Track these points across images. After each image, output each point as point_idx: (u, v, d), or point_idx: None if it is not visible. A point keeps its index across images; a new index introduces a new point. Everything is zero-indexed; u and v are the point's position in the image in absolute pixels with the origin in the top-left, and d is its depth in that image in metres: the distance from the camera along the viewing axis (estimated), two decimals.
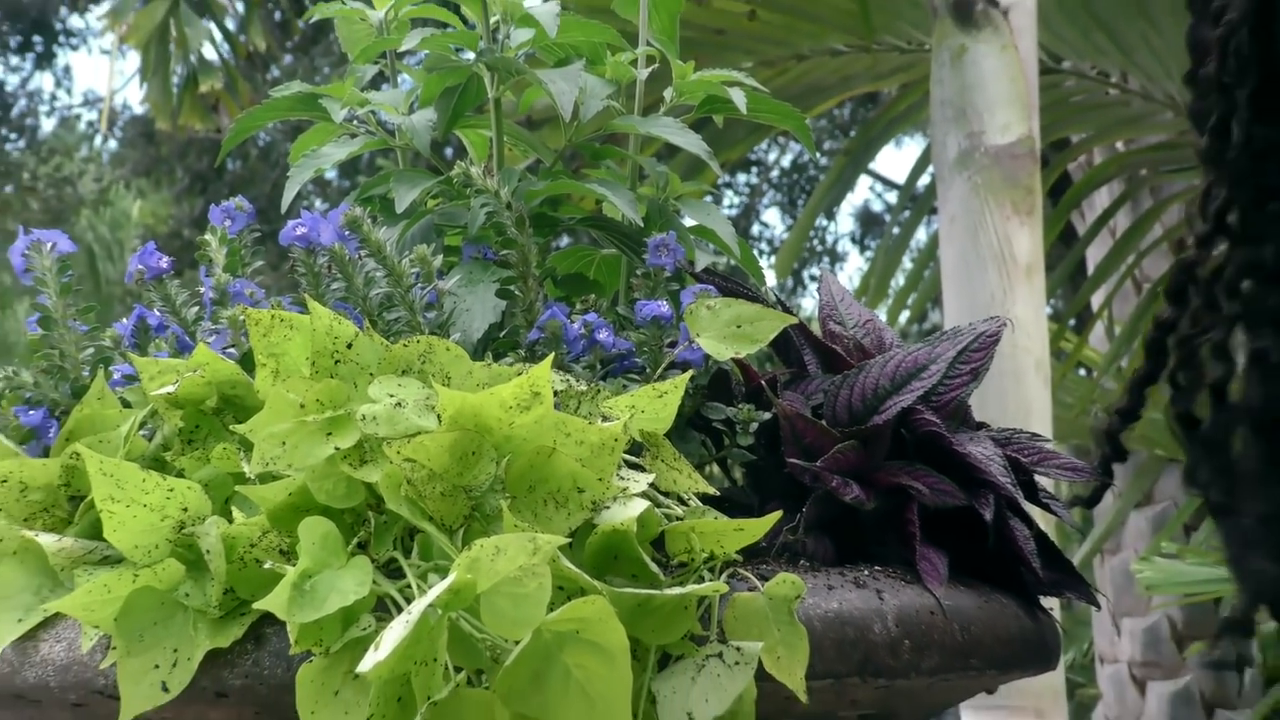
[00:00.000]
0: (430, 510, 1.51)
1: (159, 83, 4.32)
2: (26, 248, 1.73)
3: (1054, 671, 2.08)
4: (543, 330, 1.69)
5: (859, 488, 1.67)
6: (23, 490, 1.61)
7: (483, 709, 1.44)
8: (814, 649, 1.55)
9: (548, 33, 1.82)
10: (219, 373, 1.61)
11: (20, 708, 1.60)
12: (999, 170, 3.82)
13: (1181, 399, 1.77)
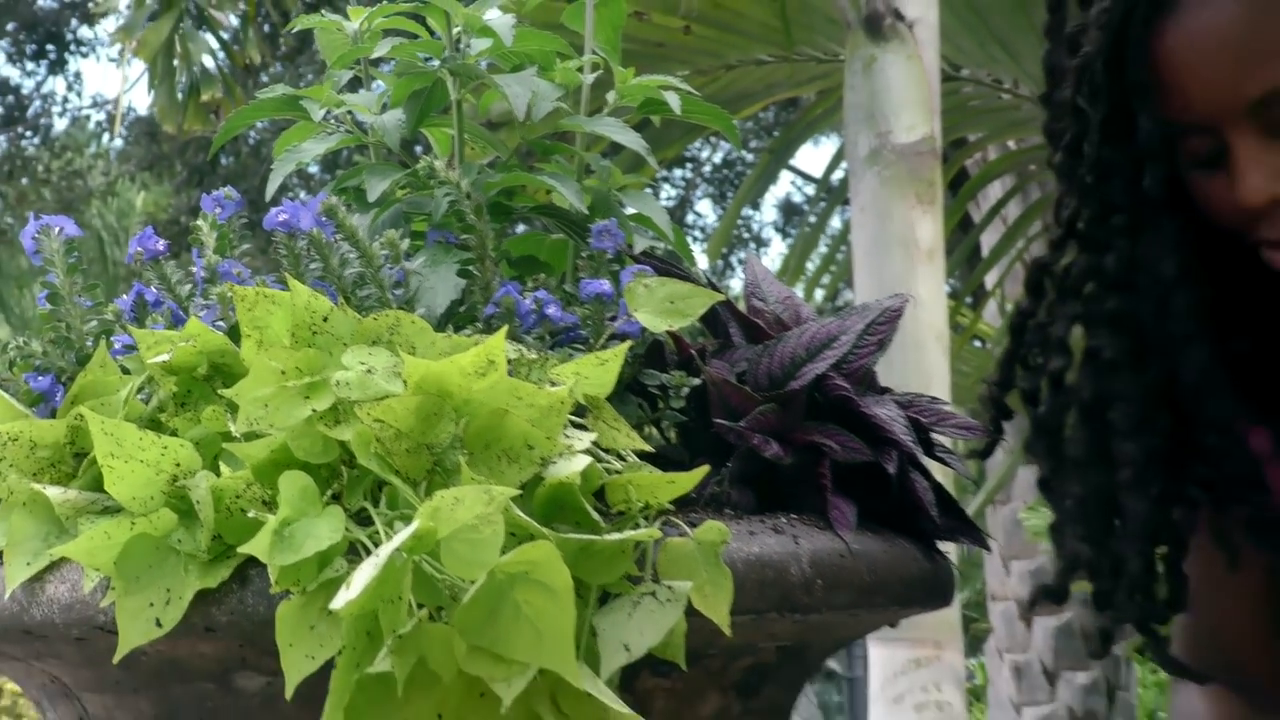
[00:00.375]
0: (397, 465, 1.51)
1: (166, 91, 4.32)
2: (36, 231, 1.73)
3: (950, 608, 2.08)
4: (498, 306, 1.70)
5: (778, 445, 1.67)
6: (32, 448, 1.61)
7: (442, 642, 1.43)
8: (737, 588, 1.54)
9: (504, 42, 1.83)
10: (209, 343, 1.61)
11: (29, 642, 1.60)
12: (904, 166, 3.83)
13: (1028, 380, 1.79)
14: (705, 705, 1.65)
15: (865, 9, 3.85)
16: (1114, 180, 1.65)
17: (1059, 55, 1.67)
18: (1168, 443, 1.70)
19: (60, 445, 1.61)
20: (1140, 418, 1.69)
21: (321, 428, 1.52)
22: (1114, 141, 1.64)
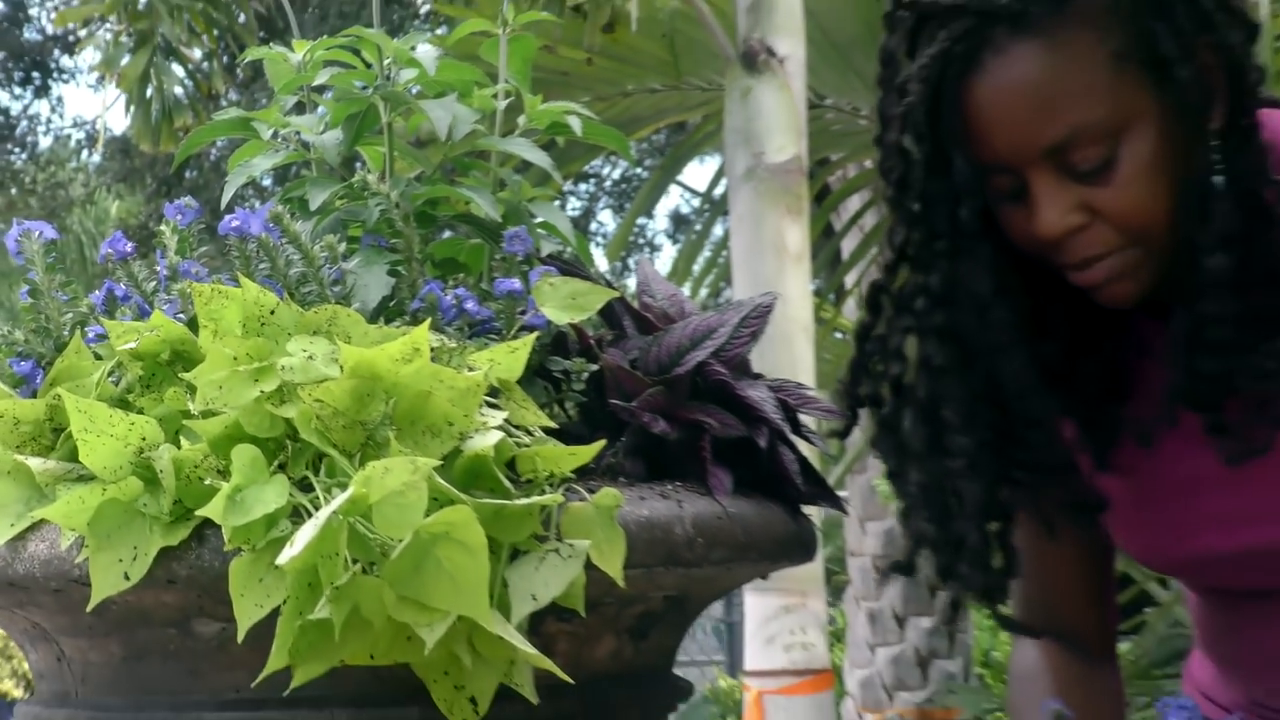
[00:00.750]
0: (334, 439, 1.51)
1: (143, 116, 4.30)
2: (19, 235, 1.73)
3: (814, 562, 2.08)
4: (423, 301, 1.70)
5: (664, 422, 1.68)
6: (15, 424, 1.61)
7: (374, 592, 1.44)
8: (629, 546, 1.55)
9: (428, 72, 1.84)
10: (171, 333, 1.61)
11: (12, 593, 1.60)
12: (776, 182, 3.84)
13: (871, 385, 1.81)
14: (601, 646, 1.66)
15: (743, 46, 3.85)
16: (936, 211, 1.68)
17: (889, 103, 1.70)
18: (993, 435, 1.74)
19: (40, 422, 1.61)
20: (968, 415, 1.72)
21: (269, 407, 1.52)
22: (934, 178, 1.67)
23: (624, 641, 1.69)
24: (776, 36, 3.90)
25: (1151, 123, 1.61)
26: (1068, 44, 1.60)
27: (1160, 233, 1.64)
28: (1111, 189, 1.61)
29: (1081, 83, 1.60)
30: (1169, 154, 1.62)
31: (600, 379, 1.72)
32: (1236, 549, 1.81)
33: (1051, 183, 1.62)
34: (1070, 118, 1.60)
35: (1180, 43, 1.59)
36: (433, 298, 1.70)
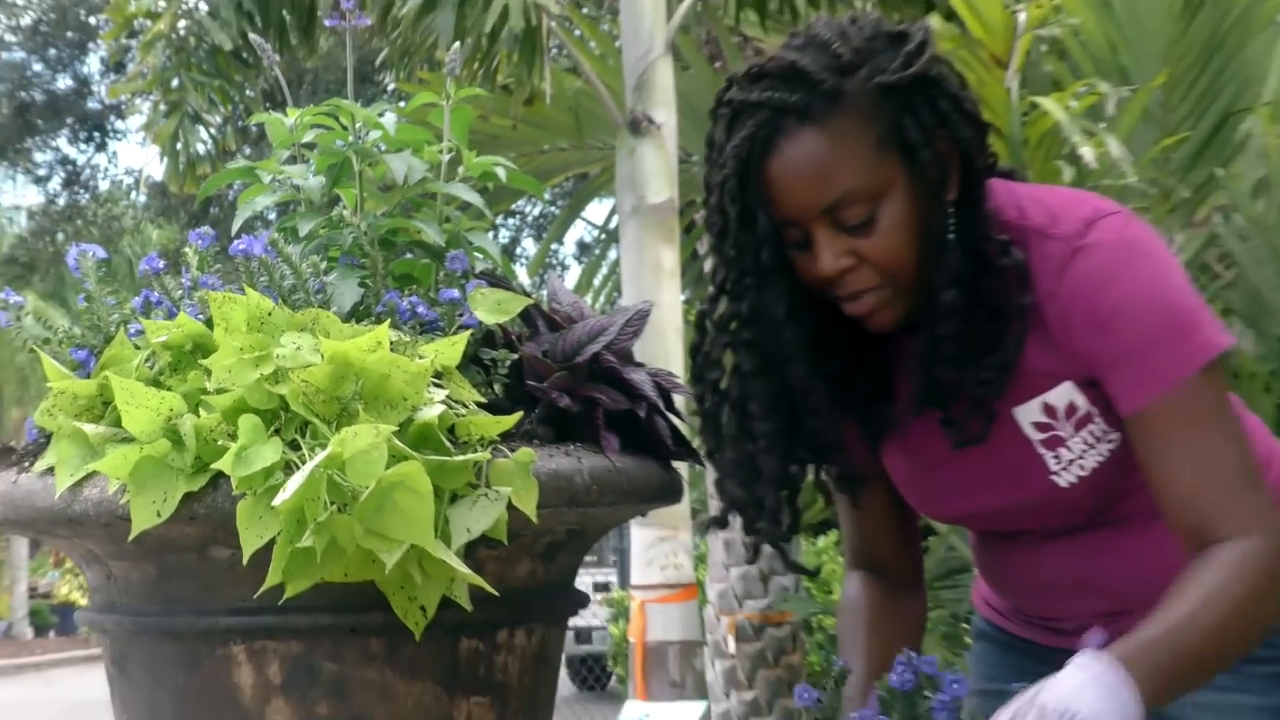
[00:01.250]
0: (316, 411, 1.51)
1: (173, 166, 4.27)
2: (77, 255, 1.72)
3: (681, 503, 2.08)
4: (385, 306, 1.70)
5: (568, 398, 1.68)
6: (74, 398, 1.60)
7: (346, 526, 1.44)
8: (540, 491, 1.56)
9: (390, 134, 1.84)
10: (192, 329, 1.60)
11: (73, 528, 1.59)
12: (654, 217, 3.83)
13: (698, 388, 1.84)
14: (520, 567, 1.66)
15: (630, 116, 3.85)
16: (745, 255, 1.70)
17: (712, 175, 1.71)
18: (785, 424, 1.76)
19: (93, 397, 1.60)
20: (768, 408, 1.75)
21: (266, 386, 1.52)
22: (744, 231, 1.69)
23: (537, 564, 1.69)
24: (655, 108, 3.90)
25: (902, 191, 1.65)
26: (840, 131, 1.64)
27: (908, 275, 1.67)
28: (872, 239, 1.65)
29: (849, 159, 1.64)
30: (915, 215, 1.66)
31: (519, 366, 1.72)
32: (969, 509, 1.88)
33: (827, 234, 1.66)
34: (840, 185, 1.63)
35: (923, 134, 1.65)
36: (392, 304, 1.70)
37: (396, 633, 1.56)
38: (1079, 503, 1.75)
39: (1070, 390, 1.71)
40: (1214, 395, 1.65)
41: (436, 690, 1.63)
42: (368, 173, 1.83)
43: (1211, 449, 1.64)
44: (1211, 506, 1.62)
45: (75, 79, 13.81)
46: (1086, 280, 1.66)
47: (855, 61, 1.66)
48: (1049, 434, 1.73)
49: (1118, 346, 1.65)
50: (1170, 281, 1.68)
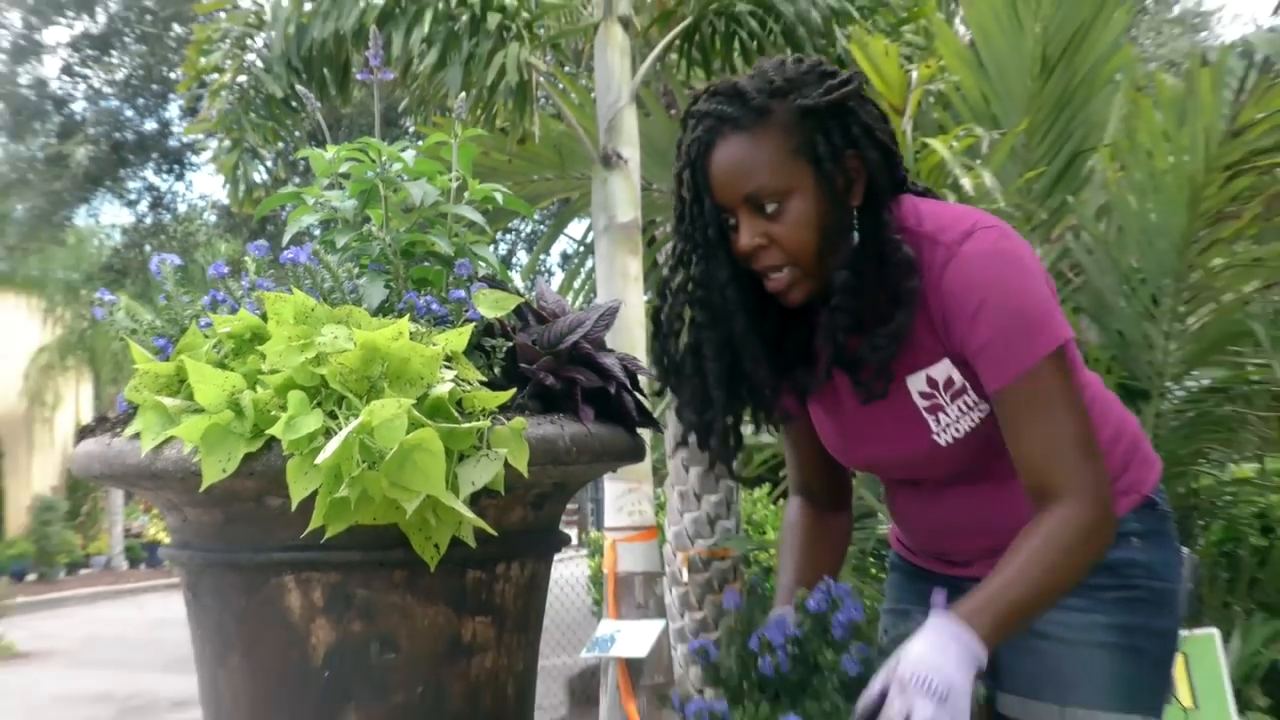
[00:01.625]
0: (350, 387, 1.51)
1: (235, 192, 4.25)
2: (158, 262, 1.72)
3: (644, 462, 2.08)
4: (405, 304, 1.70)
5: (553, 378, 1.68)
6: (156, 377, 1.60)
7: (375, 480, 1.44)
8: (531, 452, 1.57)
9: (409, 165, 1.84)
10: (251, 322, 1.60)
11: (155, 481, 1.58)
12: (623, 233, 3.82)
13: (660, 342, 1.82)
14: (515, 513, 1.66)
15: (602, 152, 3.83)
16: (696, 232, 1.72)
17: (676, 166, 1.74)
18: (731, 366, 1.77)
19: (171, 376, 1.60)
20: (716, 352, 1.75)
21: (310, 367, 1.52)
22: (695, 212, 1.72)
23: (528, 510, 1.69)
24: (622, 147, 3.88)
25: (809, 192, 1.67)
26: (761, 139, 1.67)
27: (810, 259, 1.69)
28: (780, 226, 1.67)
29: (764, 162, 1.67)
30: (818, 212, 1.68)
31: (514, 352, 1.72)
32: (871, 457, 1.87)
33: (748, 218, 1.68)
34: (755, 181, 1.66)
35: (831, 150, 1.67)
36: (411, 302, 1.70)
37: (415, 566, 1.56)
38: (956, 459, 1.75)
39: (948, 366, 1.72)
40: (1059, 378, 1.66)
41: (448, 612, 1.64)
42: (391, 197, 1.83)
43: (1055, 424, 1.65)
44: (1052, 473, 1.63)
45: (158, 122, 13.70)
46: (959, 280, 1.68)
47: (785, 88, 1.69)
48: (931, 401, 1.74)
49: (981, 337, 1.66)
50: (1026, 286, 1.68)
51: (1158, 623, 1.76)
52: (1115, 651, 1.73)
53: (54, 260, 17.63)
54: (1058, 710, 1.72)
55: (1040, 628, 1.71)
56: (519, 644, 1.74)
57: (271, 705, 1.63)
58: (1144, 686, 1.75)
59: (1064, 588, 1.63)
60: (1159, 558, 1.77)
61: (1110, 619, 1.73)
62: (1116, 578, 1.73)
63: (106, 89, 13.66)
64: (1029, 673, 1.75)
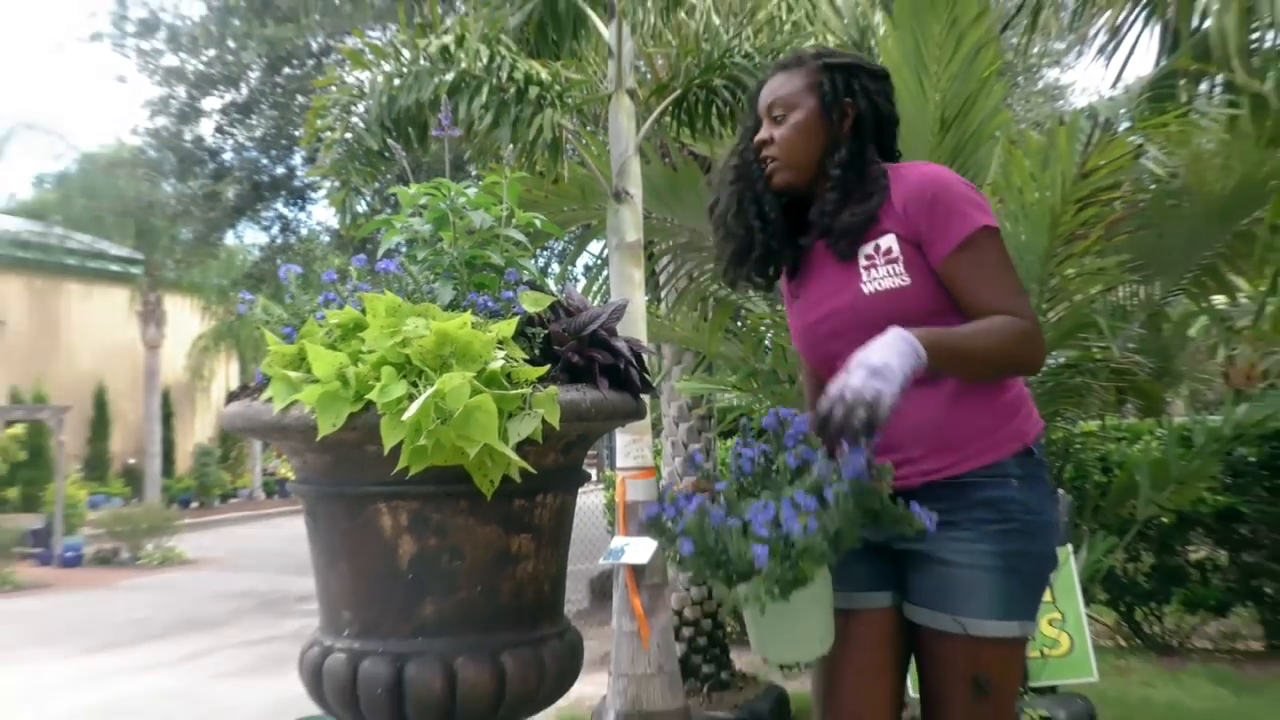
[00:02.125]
0: (427, 364, 1.50)
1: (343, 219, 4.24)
2: (285, 271, 1.72)
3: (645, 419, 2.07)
4: (468, 302, 1.68)
5: (578, 356, 1.68)
6: (284, 356, 1.59)
7: (446, 432, 1.45)
8: (561, 411, 1.56)
9: (470, 199, 1.82)
10: (353, 316, 1.59)
11: (283, 432, 1.58)
12: (629, 250, 3.80)
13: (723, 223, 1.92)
14: (549, 457, 1.64)
15: (614, 189, 3.82)
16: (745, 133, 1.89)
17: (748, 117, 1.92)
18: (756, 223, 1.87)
19: (295, 355, 1.59)
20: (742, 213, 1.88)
21: (398, 348, 1.51)
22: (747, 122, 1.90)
23: (558, 454, 1.68)
24: (629, 185, 3.86)
25: (809, 114, 1.81)
26: (792, 75, 1.84)
27: (796, 159, 1.81)
28: (781, 129, 1.82)
29: (788, 88, 1.83)
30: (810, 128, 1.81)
31: (549, 337, 1.70)
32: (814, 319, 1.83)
33: (767, 123, 1.84)
34: (777, 97, 1.83)
35: (833, 91, 1.81)
36: (473, 301, 1.69)
37: (475, 496, 1.56)
38: (873, 310, 1.71)
39: (892, 239, 1.72)
40: (995, 244, 1.71)
41: (499, 530, 1.63)
42: (458, 222, 1.82)
43: (999, 281, 1.68)
44: (1002, 307, 1.66)
45: (286, 168, 13.65)
46: (917, 179, 1.74)
47: (819, 54, 1.87)
48: (870, 262, 1.74)
49: (934, 215, 1.70)
50: (966, 188, 1.75)
51: (1032, 548, 1.73)
52: (996, 573, 1.69)
53: (210, 270, 17.62)
54: (951, 619, 1.70)
55: (939, 555, 1.70)
56: (552, 554, 1.74)
57: (369, 599, 1.63)
58: (1021, 599, 1.72)
59: (992, 359, 1.66)
60: (1033, 496, 1.73)
61: (992, 547, 1.69)
62: (998, 513, 1.70)
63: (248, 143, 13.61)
64: (931, 590, 1.72)
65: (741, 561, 1.52)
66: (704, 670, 4.88)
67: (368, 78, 3.83)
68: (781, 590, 1.51)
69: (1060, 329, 3.76)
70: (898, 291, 1.70)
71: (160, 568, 12.02)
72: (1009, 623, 1.69)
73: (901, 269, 1.70)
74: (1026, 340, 1.65)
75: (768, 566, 1.49)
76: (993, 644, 1.68)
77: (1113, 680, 5.00)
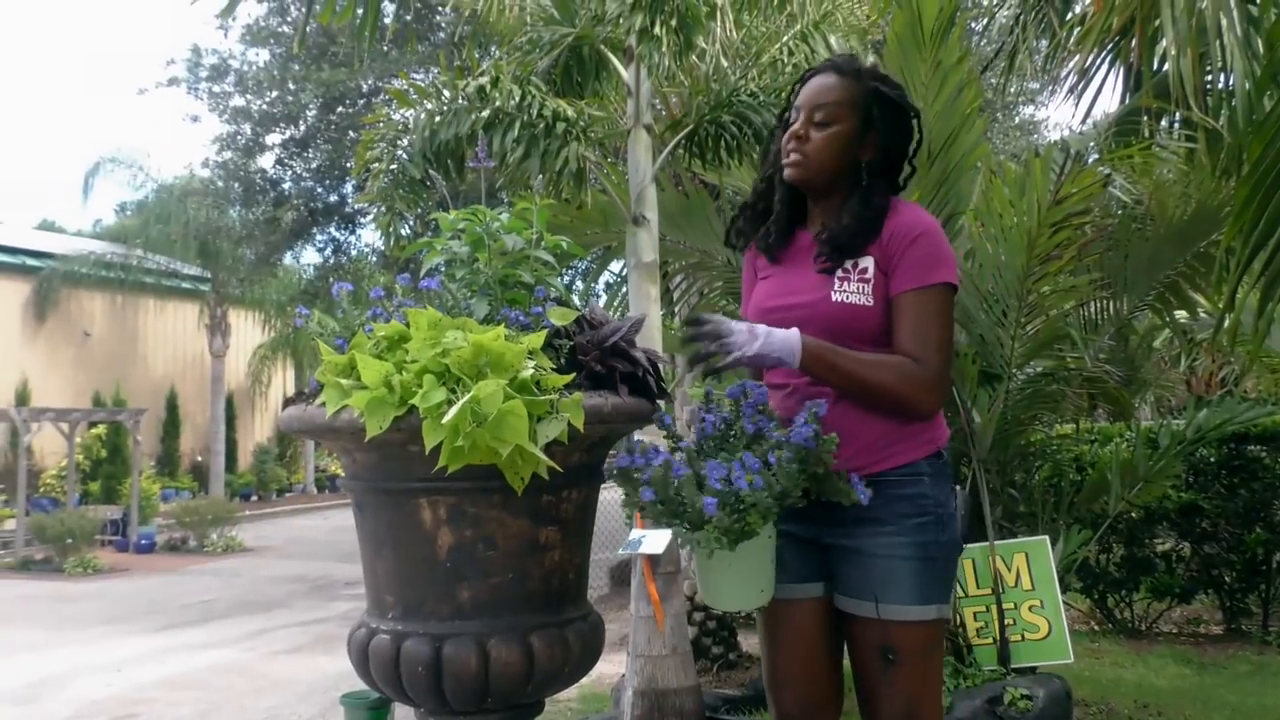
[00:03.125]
0: (465, 372, 1.48)
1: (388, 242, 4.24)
2: (337, 289, 1.71)
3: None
4: (501, 316, 1.67)
5: (600, 366, 1.66)
6: (336, 365, 1.58)
7: (481, 434, 1.42)
8: (584, 415, 1.54)
9: (504, 223, 1.80)
10: (398, 329, 1.58)
11: (335, 433, 1.56)
12: (646, 270, 3.80)
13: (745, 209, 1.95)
14: (574, 456, 1.62)
15: (633, 214, 3.81)
16: (781, 122, 1.86)
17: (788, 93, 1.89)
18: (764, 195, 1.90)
19: (346, 364, 1.57)
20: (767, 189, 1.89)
21: (438, 358, 1.49)
22: (787, 112, 1.84)
23: (583, 454, 1.66)
24: (646, 211, 3.86)
25: (844, 130, 1.77)
26: (844, 85, 1.79)
27: (814, 161, 1.78)
28: (817, 132, 1.78)
29: (837, 98, 1.78)
30: (840, 144, 1.77)
31: (574, 348, 1.68)
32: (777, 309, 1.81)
33: (805, 119, 1.79)
34: (824, 101, 1.77)
35: (871, 121, 1.78)
36: (505, 315, 1.67)
37: (507, 491, 1.54)
38: (830, 318, 1.72)
39: (870, 262, 1.73)
40: (943, 301, 1.71)
41: (529, 522, 1.62)
42: (492, 245, 1.81)
43: (929, 329, 1.69)
44: (924, 353, 1.67)
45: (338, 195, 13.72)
46: (910, 220, 1.74)
47: (874, 75, 1.82)
48: (843, 275, 1.74)
49: (910, 255, 1.70)
50: (946, 246, 1.74)
51: (943, 537, 1.74)
52: (913, 562, 1.71)
53: (269, 288, 17.69)
54: (874, 605, 1.71)
55: (862, 547, 1.73)
56: (577, 544, 1.72)
57: (411, 584, 1.62)
58: (936, 584, 1.74)
59: (874, 389, 1.68)
60: (941, 492, 1.76)
61: (910, 539, 1.71)
62: (914, 507, 1.72)
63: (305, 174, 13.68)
64: (856, 580, 1.75)
65: (695, 511, 1.56)
66: (714, 651, 4.86)
67: (412, 115, 3.84)
68: (730, 540, 1.57)
69: (1037, 341, 3.74)
70: (860, 308, 1.72)
71: (223, 555, 12.05)
72: (927, 607, 1.71)
73: (869, 290, 1.73)
74: (916, 384, 1.68)
75: (717, 516, 1.55)
76: (910, 626, 1.70)
77: (1087, 662, 4.95)
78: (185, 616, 7.91)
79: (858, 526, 1.72)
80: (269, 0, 12.89)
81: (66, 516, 11.12)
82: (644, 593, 3.64)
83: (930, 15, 3.40)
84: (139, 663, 6.19)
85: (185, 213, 16.05)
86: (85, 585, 9.76)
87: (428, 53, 11.41)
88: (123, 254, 16.55)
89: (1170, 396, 9.51)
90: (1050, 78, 5.87)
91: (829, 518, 1.74)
